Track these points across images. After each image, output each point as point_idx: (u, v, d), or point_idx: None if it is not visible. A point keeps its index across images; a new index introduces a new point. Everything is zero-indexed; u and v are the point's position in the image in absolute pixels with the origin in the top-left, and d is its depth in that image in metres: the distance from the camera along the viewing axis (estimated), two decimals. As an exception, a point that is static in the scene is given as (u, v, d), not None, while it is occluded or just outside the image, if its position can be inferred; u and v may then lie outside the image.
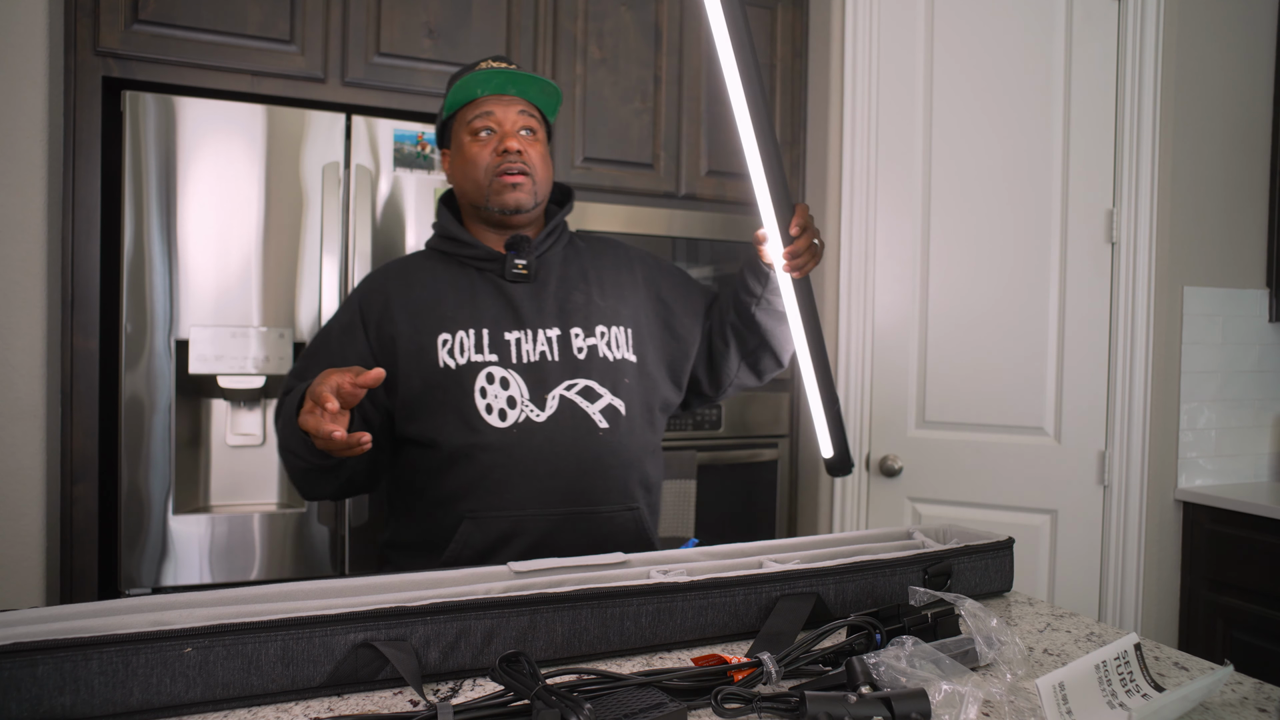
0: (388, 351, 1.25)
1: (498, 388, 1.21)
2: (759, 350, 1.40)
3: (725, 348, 1.40)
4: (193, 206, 1.88)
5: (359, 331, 1.27)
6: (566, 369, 1.24)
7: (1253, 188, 2.28)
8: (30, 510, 1.74)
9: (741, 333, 1.38)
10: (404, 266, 1.33)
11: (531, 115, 1.31)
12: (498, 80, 1.27)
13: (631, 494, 1.26)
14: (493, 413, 1.20)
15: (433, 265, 1.32)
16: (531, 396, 1.22)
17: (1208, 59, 2.19)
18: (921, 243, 2.29)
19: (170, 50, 1.93)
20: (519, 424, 1.20)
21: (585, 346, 1.27)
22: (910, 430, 2.30)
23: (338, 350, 1.26)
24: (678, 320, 1.39)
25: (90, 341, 1.89)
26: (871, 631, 0.82)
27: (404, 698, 0.76)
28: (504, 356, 1.23)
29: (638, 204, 2.42)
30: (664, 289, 1.41)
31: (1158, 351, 2.13)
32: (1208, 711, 0.75)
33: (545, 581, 0.89)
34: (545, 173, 1.32)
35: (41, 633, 0.71)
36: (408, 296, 1.27)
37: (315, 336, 1.32)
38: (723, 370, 1.42)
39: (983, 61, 2.22)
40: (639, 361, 1.31)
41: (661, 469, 1.37)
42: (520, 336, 1.24)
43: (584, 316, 1.29)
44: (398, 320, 1.25)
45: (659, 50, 2.43)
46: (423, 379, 1.22)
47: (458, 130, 1.32)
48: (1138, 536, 2.12)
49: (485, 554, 1.20)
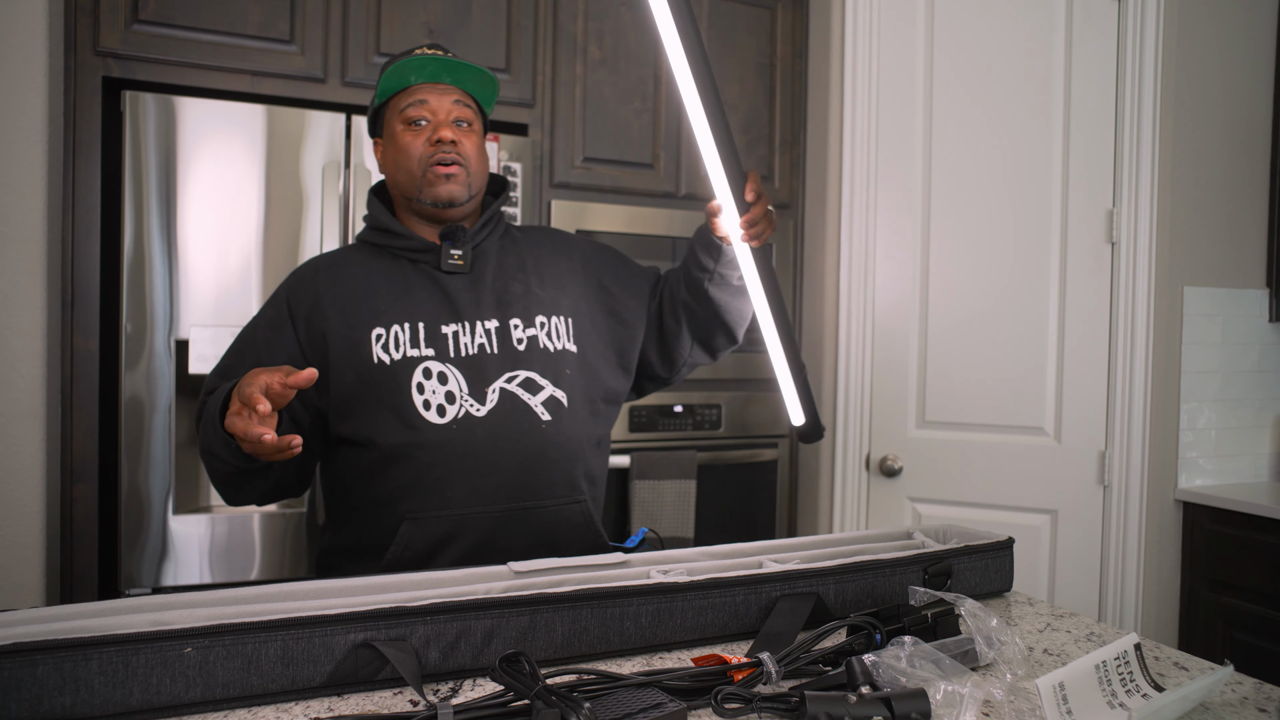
0: (318, 348, 1.20)
1: (435, 383, 1.17)
2: (711, 326, 1.37)
3: (677, 327, 1.37)
4: (193, 206, 1.88)
5: (286, 327, 1.21)
6: (506, 361, 1.20)
7: (1253, 188, 2.28)
8: (30, 510, 1.74)
9: (694, 310, 1.35)
10: (334, 259, 1.28)
11: (467, 105, 1.26)
12: (431, 68, 1.23)
13: (577, 486, 1.23)
14: (431, 409, 1.16)
15: (364, 258, 1.26)
16: (471, 391, 1.18)
17: (1208, 59, 2.19)
18: (921, 243, 2.29)
19: (170, 50, 1.93)
20: (458, 419, 1.16)
21: (525, 338, 1.23)
22: (910, 430, 2.30)
23: (264, 347, 1.21)
24: (621, 305, 1.36)
25: (90, 341, 1.89)
26: (871, 631, 0.82)
27: (404, 698, 0.76)
28: (441, 350, 1.19)
29: (638, 204, 2.42)
30: (605, 275, 1.37)
31: (1158, 351, 2.13)
32: (1208, 711, 0.75)
33: (545, 581, 0.89)
34: (480, 164, 1.28)
35: (41, 633, 0.71)
36: (338, 290, 1.22)
37: (240, 333, 1.25)
38: (675, 350, 1.39)
39: (983, 61, 2.22)
40: (580, 352, 1.28)
41: (606, 461, 1.33)
42: (458, 329, 1.20)
43: (523, 307, 1.25)
44: (328, 315, 1.20)
45: (659, 50, 2.43)
46: (356, 375, 1.17)
47: (390, 119, 1.27)
48: (1138, 536, 2.12)
49: (427, 556, 1.16)
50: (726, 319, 1.36)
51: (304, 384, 0.96)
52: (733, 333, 1.39)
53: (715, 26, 2.50)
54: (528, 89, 2.28)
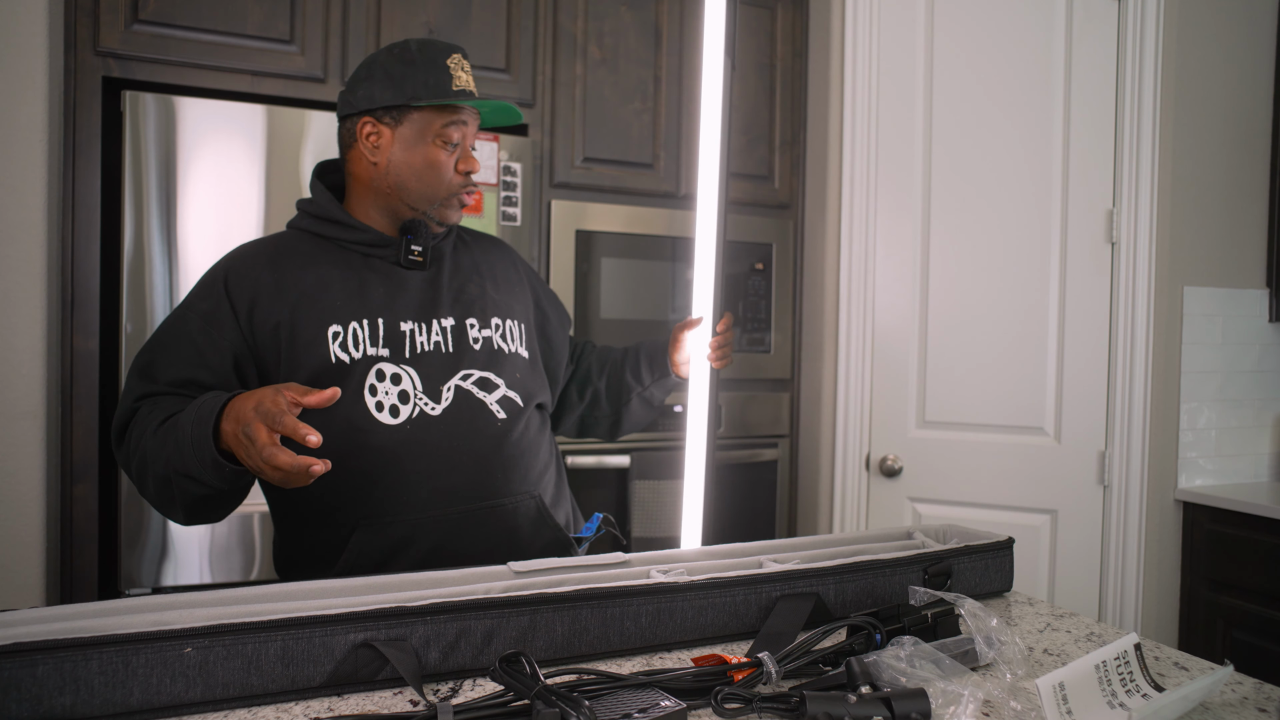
0: (266, 342, 1.13)
1: (389, 384, 1.13)
2: (603, 419, 1.47)
3: (578, 402, 1.46)
4: (193, 206, 1.88)
5: (228, 321, 1.12)
6: (462, 359, 1.19)
7: (1253, 188, 2.28)
8: (30, 510, 1.74)
9: (600, 401, 1.45)
10: (276, 249, 1.20)
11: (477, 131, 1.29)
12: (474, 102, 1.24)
13: (531, 482, 1.22)
14: (383, 410, 1.12)
15: (309, 249, 1.20)
16: (425, 389, 1.15)
17: (1208, 59, 2.19)
18: (921, 243, 2.29)
19: (170, 50, 1.93)
20: (413, 419, 1.13)
21: (481, 337, 1.22)
22: (910, 430, 2.30)
23: (203, 342, 1.11)
24: (553, 331, 1.40)
25: (90, 341, 1.89)
26: (871, 631, 0.82)
27: (404, 698, 0.76)
28: (397, 349, 1.15)
29: (638, 204, 2.42)
30: (542, 298, 1.40)
31: (1158, 351, 2.13)
32: (1208, 711, 0.75)
33: (545, 581, 0.89)
34: None
35: (41, 633, 0.71)
36: (288, 282, 1.15)
37: (160, 327, 1.15)
38: (563, 417, 1.47)
39: (983, 61, 2.23)
40: (530, 358, 1.29)
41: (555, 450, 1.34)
42: (414, 328, 1.18)
43: (480, 308, 1.24)
44: (278, 307, 1.13)
45: (659, 50, 2.43)
46: (310, 374, 1.11)
47: (423, 126, 1.20)
48: (1138, 536, 2.12)
49: (382, 563, 1.12)
50: (624, 421, 1.47)
51: (325, 403, 0.93)
52: (619, 433, 1.49)
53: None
54: (528, 89, 2.28)
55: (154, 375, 1.10)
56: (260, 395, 0.92)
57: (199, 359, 1.11)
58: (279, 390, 0.92)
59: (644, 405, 1.45)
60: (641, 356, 1.42)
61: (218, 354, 1.11)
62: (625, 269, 2.36)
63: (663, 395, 1.45)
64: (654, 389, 1.43)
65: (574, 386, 1.45)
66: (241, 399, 0.95)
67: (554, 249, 2.29)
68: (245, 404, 0.93)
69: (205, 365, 1.11)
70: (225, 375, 1.12)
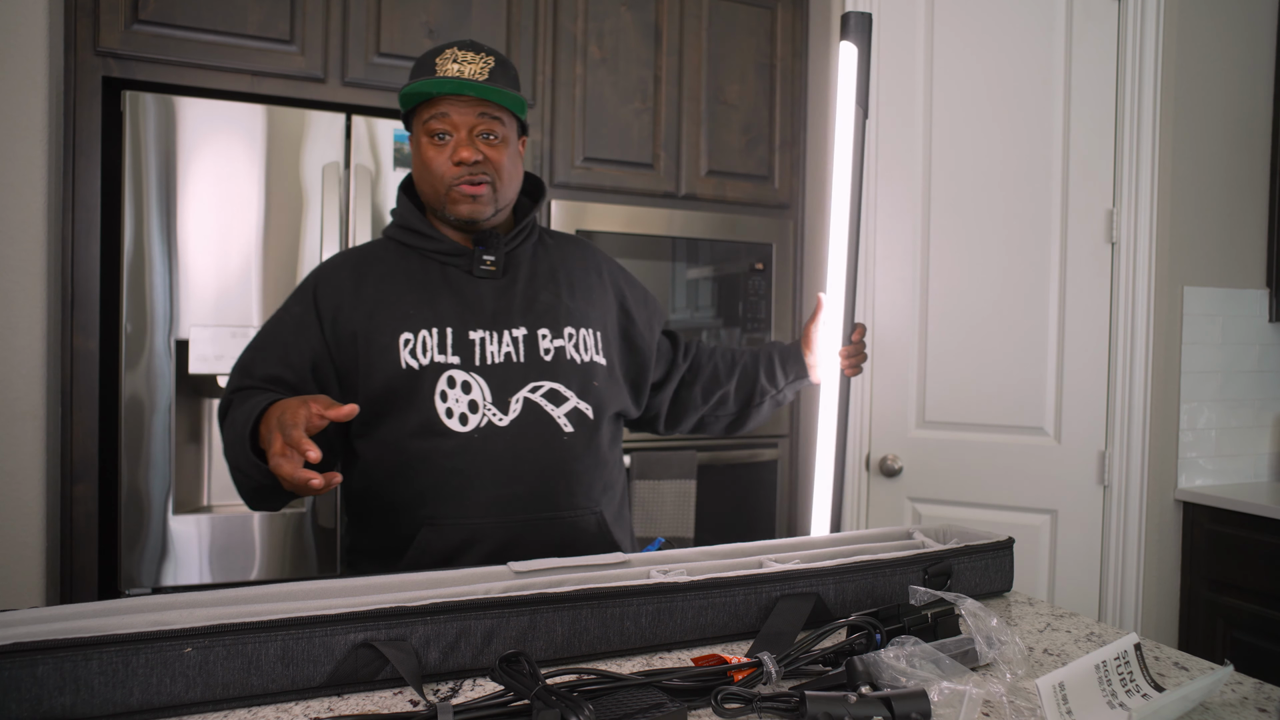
0: (345, 349, 1.18)
1: (459, 391, 1.16)
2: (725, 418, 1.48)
3: (702, 404, 1.45)
4: (193, 206, 1.88)
5: (313, 326, 1.19)
6: (532, 371, 1.20)
7: (1253, 188, 2.28)
8: (30, 510, 1.74)
9: (728, 401, 1.45)
10: (361, 257, 1.26)
11: (495, 118, 1.21)
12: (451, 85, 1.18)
13: (594, 497, 1.23)
14: (453, 417, 1.15)
15: (392, 257, 1.24)
16: (494, 400, 1.17)
17: (1208, 59, 2.18)
18: (921, 243, 2.29)
19: (170, 50, 1.93)
20: (480, 428, 1.16)
21: (553, 348, 1.22)
22: (910, 430, 2.30)
23: (291, 344, 1.19)
24: (638, 334, 1.37)
25: (90, 341, 1.89)
26: (871, 631, 0.82)
27: (404, 698, 0.76)
28: (467, 358, 1.18)
29: (638, 204, 2.42)
30: (629, 300, 1.38)
31: (1158, 351, 2.13)
32: (1208, 711, 0.75)
33: (545, 581, 0.89)
34: (510, 175, 1.24)
35: (41, 633, 0.71)
36: (367, 291, 1.21)
37: (263, 327, 1.24)
38: (685, 417, 1.47)
39: (983, 61, 2.22)
40: (608, 365, 1.28)
41: (623, 472, 1.35)
42: (485, 336, 1.19)
43: (552, 317, 1.24)
44: (356, 316, 1.19)
45: (659, 50, 2.43)
46: (384, 380, 1.16)
47: (416, 127, 1.23)
48: (1138, 536, 2.12)
49: (444, 561, 1.16)
50: (749, 420, 1.48)
51: (341, 419, 0.96)
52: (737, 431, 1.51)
53: (715, 26, 2.50)
54: (528, 89, 2.28)
55: (251, 371, 1.19)
56: (286, 405, 0.98)
57: (285, 359, 1.18)
58: (304, 402, 0.97)
59: (773, 405, 1.48)
60: (776, 359, 1.43)
61: (300, 356, 1.18)
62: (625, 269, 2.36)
63: (792, 395, 1.48)
64: (786, 390, 1.46)
65: (698, 388, 1.44)
66: (277, 406, 1.00)
67: (554, 249, 2.29)
68: (274, 412, 0.99)
69: (289, 365, 1.18)
70: (304, 376, 1.18)
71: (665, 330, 1.46)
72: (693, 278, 2.49)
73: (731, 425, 1.49)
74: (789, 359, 1.43)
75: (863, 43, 1.31)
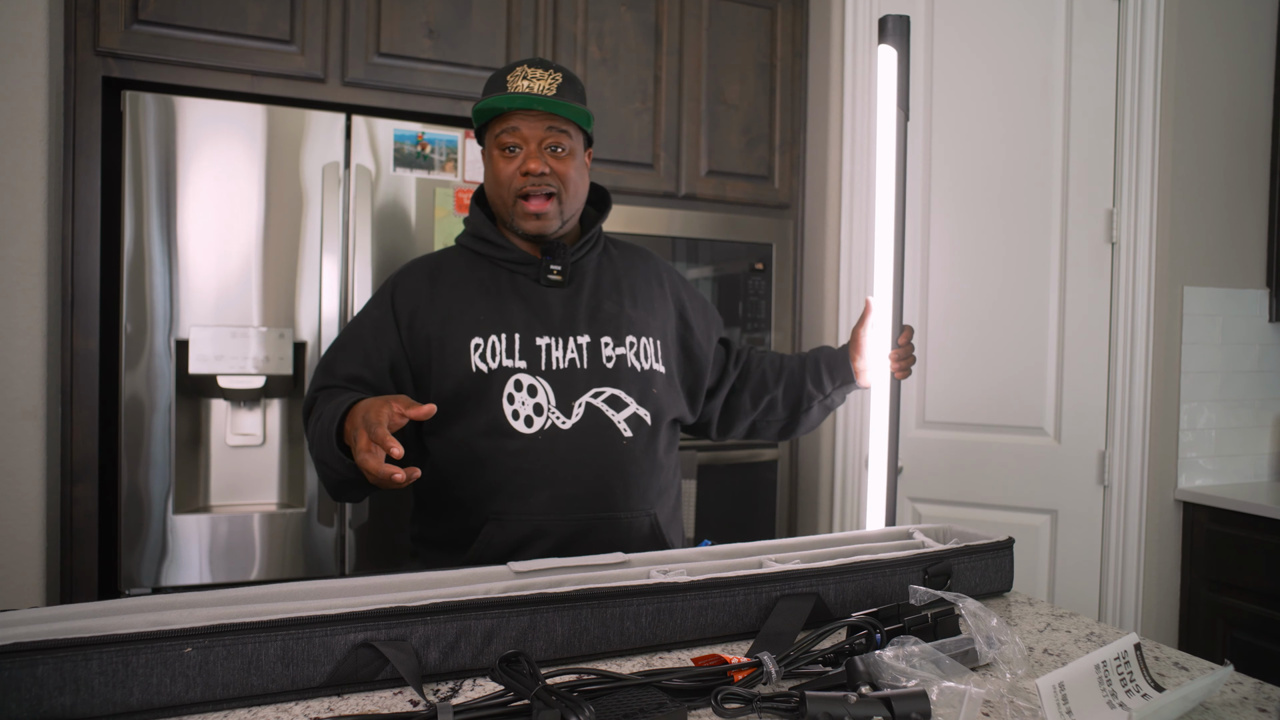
0: (420, 351, 1.26)
1: (525, 395, 1.22)
2: (775, 424, 1.50)
3: (752, 409, 1.48)
4: (193, 206, 1.88)
5: (391, 330, 1.28)
6: (595, 377, 1.26)
7: (1253, 188, 2.28)
8: (30, 510, 1.74)
9: (776, 407, 1.48)
10: (437, 264, 1.34)
11: (563, 131, 1.28)
12: (521, 101, 1.26)
13: (650, 500, 1.28)
14: (519, 419, 1.22)
15: (464, 264, 1.32)
16: (558, 403, 1.23)
17: (1208, 59, 2.18)
18: (921, 243, 2.29)
19: (170, 50, 1.93)
20: (544, 430, 1.22)
21: (614, 355, 1.28)
22: (910, 430, 2.30)
23: (371, 346, 1.27)
24: (695, 343, 1.42)
25: (90, 341, 1.89)
26: (871, 631, 0.82)
27: (404, 698, 0.76)
28: (533, 362, 1.24)
29: (638, 204, 2.42)
30: (688, 309, 1.44)
31: (1158, 351, 2.13)
32: (1208, 711, 0.75)
33: (545, 581, 0.89)
34: (576, 188, 1.31)
35: (41, 633, 0.71)
36: (441, 296, 1.28)
37: (346, 327, 1.33)
38: (736, 423, 1.50)
39: (983, 61, 2.22)
40: (667, 374, 1.34)
41: (678, 476, 1.40)
42: (550, 342, 1.26)
43: (615, 326, 1.30)
44: (432, 321, 1.26)
45: (659, 50, 2.43)
46: (455, 382, 1.23)
47: (488, 141, 1.31)
48: (1138, 536, 2.12)
49: (507, 554, 1.21)
50: (799, 426, 1.50)
51: (421, 418, 1.00)
52: (789, 437, 1.53)
53: (715, 26, 2.50)
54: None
55: (334, 370, 1.26)
56: (370, 404, 1.04)
57: (365, 360, 1.26)
58: (387, 402, 1.02)
59: (823, 411, 1.50)
60: (822, 364, 1.46)
61: (379, 357, 1.26)
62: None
63: (841, 400, 1.50)
64: (834, 395, 1.48)
65: (747, 394, 1.48)
66: (362, 405, 1.06)
67: (554, 249, 2.29)
68: (359, 411, 1.05)
69: (369, 365, 1.26)
70: (383, 376, 1.26)
71: (721, 339, 1.50)
72: (693, 278, 2.49)
73: (784, 431, 1.52)
74: (836, 365, 1.45)
75: (902, 46, 1.35)
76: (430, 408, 1.00)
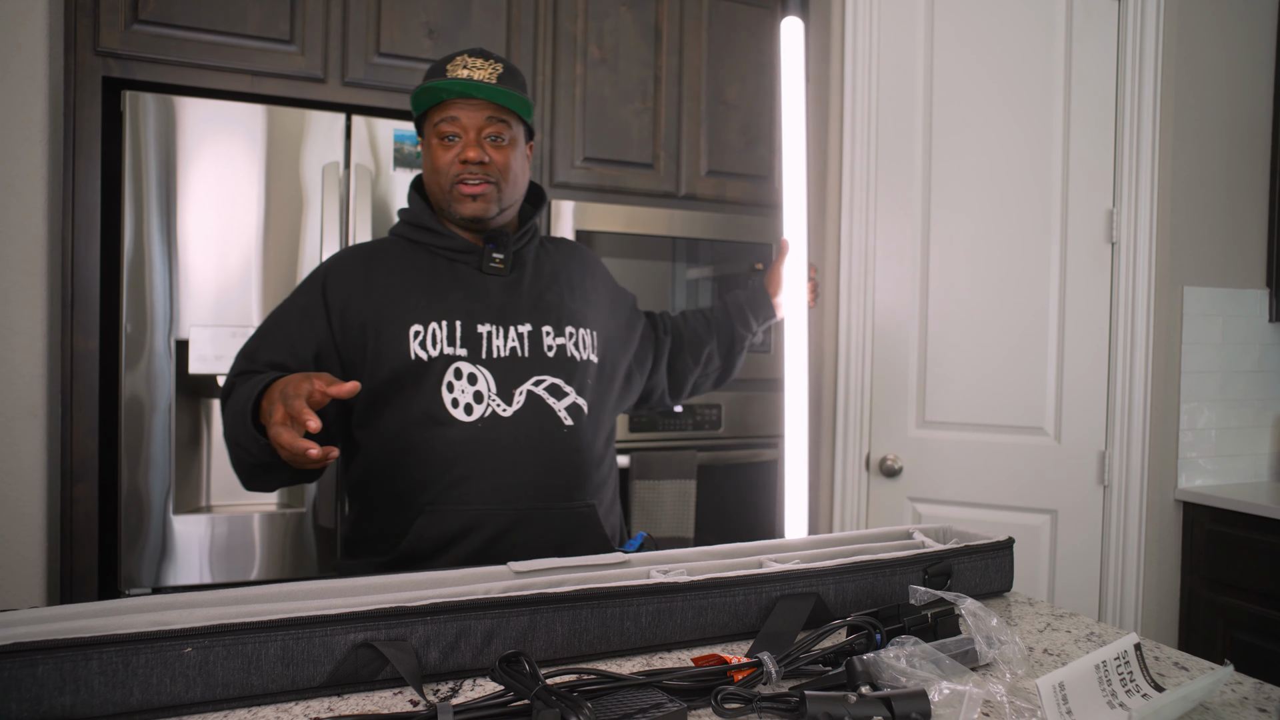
0: (353, 339, 1.22)
1: (465, 383, 1.20)
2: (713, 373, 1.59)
3: (694, 366, 1.55)
4: (193, 206, 1.88)
5: (320, 317, 1.23)
6: (536, 365, 1.25)
7: (1253, 188, 2.28)
8: (30, 510, 1.74)
9: (714, 357, 1.56)
10: (372, 252, 1.30)
11: (502, 121, 1.27)
12: (460, 88, 1.24)
13: (589, 490, 1.27)
14: (458, 407, 1.19)
15: (402, 252, 1.29)
16: (499, 391, 1.22)
17: (1208, 59, 2.18)
18: (921, 243, 2.29)
19: (170, 50, 1.93)
20: (485, 418, 1.20)
21: (555, 345, 1.27)
22: (910, 430, 2.30)
23: (296, 333, 1.22)
24: (622, 329, 1.44)
25: (90, 341, 1.89)
26: (871, 631, 0.82)
27: (404, 698, 0.76)
28: (474, 351, 1.22)
29: (638, 204, 2.42)
30: (615, 299, 1.46)
31: (1158, 351, 2.13)
32: (1208, 711, 0.75)
33: (545, 581, 0.89)
34: (518, 177, 1.30)
35: (42, 633, 0.71)
36: (377, 284, 1.25)
37: (270, 314, 1.27)
38: (685, 382, 1.57)
39: (982, 61, 2.22)
40: (600, 364, 1.34)
41: (615, 468, 1.39)
42: (491, 330, 1.24)
43: (556, 316, 1.30)
44: (367, 308, 1.23)
45: (659, 50, 2.43)
46: (392, 369, 1.20)
47: (427, 129, 1.29)
48: (1138, 536, 2.12)
49: (442, 548, 1.19)
50: (732, 370, 1.60)
51: (344, 395, 0.98)
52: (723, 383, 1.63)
53: (715, 26, 2.50)
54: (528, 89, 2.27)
55: (255, 357, 1.22)
56: (291, 379, 1.01)
57: (289, 347, 1.21)
58: (308, 377, 0.99)
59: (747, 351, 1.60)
60: (745, 306, 1.55)
61: (305, 345, 1.22)
62: (625, 269, 2.37)
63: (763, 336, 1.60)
64: (759, 332, 1.58)
65: (688, 354, 1.54)
66: (281, 380, 1.03)
67: (554, 249, 2.29)
68: (278, 386, 1.02)
69: (293, 353, 1.21)
70: (307, 364, 1.22)
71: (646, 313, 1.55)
72: (693, 278, 2.49)
73: (720, 378, 1.61)
74: (758, 304, 1.56)
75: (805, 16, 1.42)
76: (354, 385, 0.98)
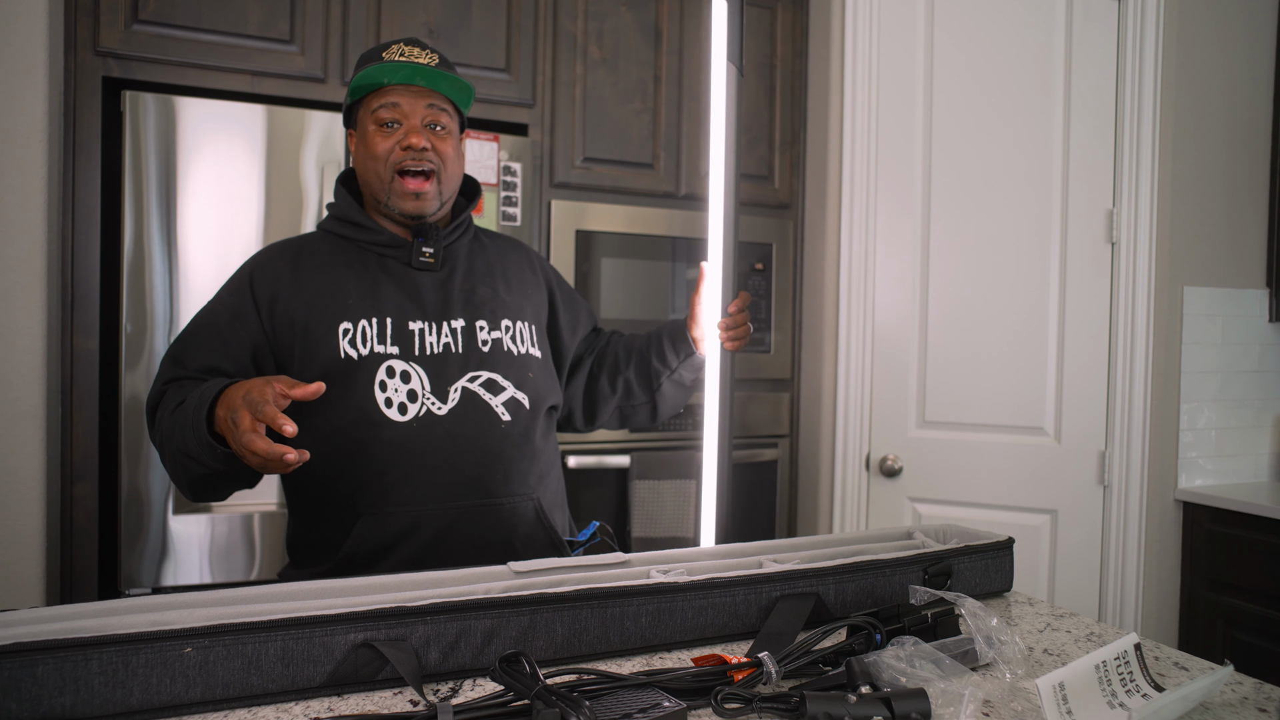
0: (283, 337, 1.18)
1: (398, 381, 1.17)
2: (641, 407, 1.46)
3: (610, 393, 1.44)
4: (193, 206, 1.88)
5: (251, 315, 1.19)
6: (470, 361, 1.21)
7: (1253, 188, 2.28)
8: (30, 510, 1.74)
9: (633, 389, 1.43)
10: (298, 248, 1.26)
11: (442, 109, 1.24)
12: (405, 72, 1.20)
13: (531, 484, 1.24)
14: (392, 406, 1.16)
15: (329, 248, 1.25)
16: (433, 389, 1.18)
17: (1208, 59, 2.18)
18: (921, 243, 2.29)
19: (170, 50, 1.93)
20: (419, 417, 1.16)
21: (490, 339, 1.24)
22: (910, 430, 2.30)
23: (228, 334, 1.18)
24: (559, 330, 1.40)
25: (90, 341, 1.89)
26: (871, 631, 0.82)
27: (404, 698, 0.76)
28: (406, 348, 1.19)
29: (638, 204, 2.42)
30: (557, 298, 1.41)
31: (1158, 351, 2.13)
32: (1208, 711, 0.75)
33: (545, 581, 0.89)
34: (454, 169, 1.27)
35: (41, 633, 0.71)
36: (305, 280, 1.21)
37: (195, 317, 1.22)
38: (600, 411, 1.46)
39: (983, 61, 2.22)
40: (541, 358, 1.31)
41: (559, 461, 1.36)
42: (424, 327, 1.21)
43: (490, 310, 1.26)
44: (295, 305, 1.19)
45: (659, 50, 2.43)
46: (321, 369, 1.16)
47: (363, 116, 1.24)
48: (1138, 536, 2.12)
49: (383, 551, 1.16)
50: (660, 407, 1.45)
51: (308, 398, 0.96)
52: (659, 419, 1.48)
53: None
54: (528, 89, 2.28)
55: (184, 361, 1.17)
56: (251, 385, 0.97)
57: (223, 349, 1.17)
58: (269, 381, 0.96)
59: (675, 388, 1.43)
60: (665, 338, 1.40)
61: (239, 346, 1.17)
62: (625, 269, 2.37)
63: (692, 375, 1.43)
64: (682, 370, 1.41)
65: (604, 378, 1.44)
66: (236, 387, 1.00)
67: (554, 249, 2.29)
68: (237, 392, 0.98)
69: (228, 355, 1.17)
70: (244, 365, 1.18)
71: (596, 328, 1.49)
72: (693, 278, 2.49)
73: (651, 414, 1.46)
74: (677, 337, 1.39)
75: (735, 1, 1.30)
76: (318, 386, 0.96)
